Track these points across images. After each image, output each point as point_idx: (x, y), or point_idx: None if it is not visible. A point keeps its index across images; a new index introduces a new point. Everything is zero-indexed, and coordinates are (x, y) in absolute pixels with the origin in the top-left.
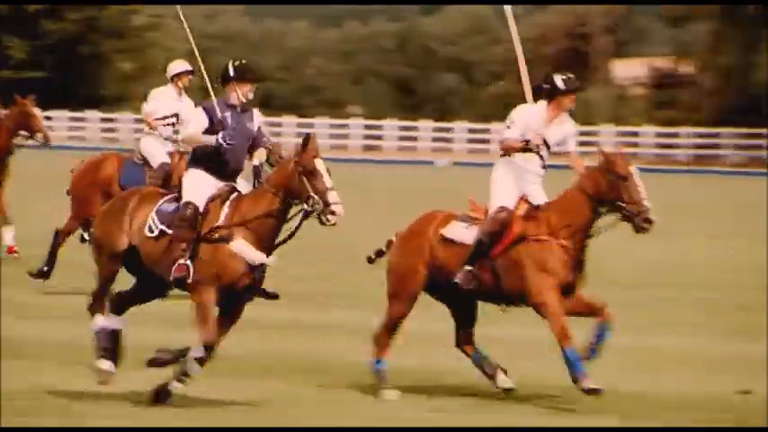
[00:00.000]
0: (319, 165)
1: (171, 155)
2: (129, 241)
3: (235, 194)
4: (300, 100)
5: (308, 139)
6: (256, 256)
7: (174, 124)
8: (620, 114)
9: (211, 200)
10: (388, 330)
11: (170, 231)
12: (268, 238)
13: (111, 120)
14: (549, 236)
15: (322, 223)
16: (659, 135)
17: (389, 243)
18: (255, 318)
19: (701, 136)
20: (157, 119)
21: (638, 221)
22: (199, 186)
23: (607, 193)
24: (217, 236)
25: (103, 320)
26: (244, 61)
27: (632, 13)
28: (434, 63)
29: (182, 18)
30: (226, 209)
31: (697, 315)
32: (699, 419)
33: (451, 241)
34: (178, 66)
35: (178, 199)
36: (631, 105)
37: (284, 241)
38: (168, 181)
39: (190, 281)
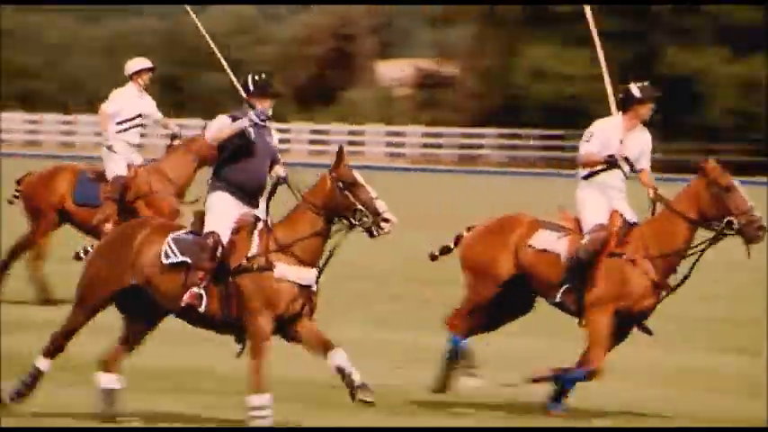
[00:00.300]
0: (358, 176)
1: (129, 167)
2: (134, 279)
3: (261, 223)
4: (63, 97)
5: (341, 151)
6: (305, 275)
7: (141, 125)
8: (386, 115)
9: (236, 231)
10: (468, 311)
11: (189, 261)
12: (313, 260)
13: None
14: (642, 258)
15: (373, 235)
16: (425, 135)
17: (458, 239)
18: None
19: (464, 136)
20: (120, 122)
21: (751, 232)
22: (223, 214)
23: (711, 209)
24: (256, 265)
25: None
26: (264, 76)
27: (396, 14)
28: (201, 62)
29: None
30: (256, 238)
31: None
32: None
33: (541, 250)
34: (138, 63)
35: (193, 233)
36: (397, 106)
37: (326, 261)
38: (124, 195)
39: (201, 309)
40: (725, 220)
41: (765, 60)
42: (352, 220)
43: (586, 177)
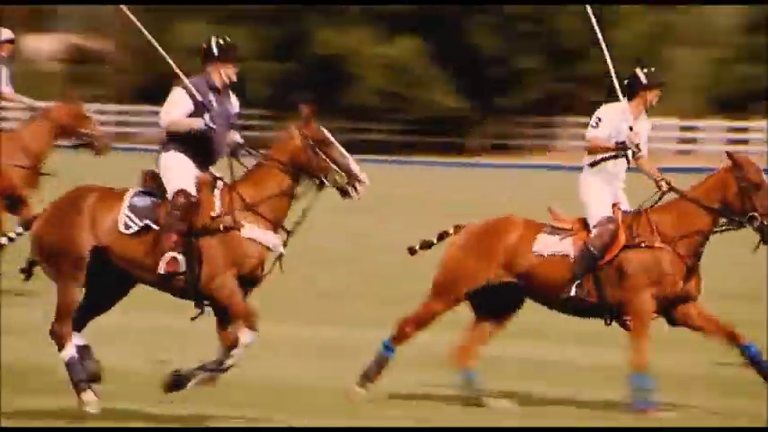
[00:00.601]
0: (329, 134)
1: None
2: (96, 243)
3: (220, 182)
4: None
5: (309, 109)
6: (272, 240)
7: None
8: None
9: (197, 190)
10: (419, 325)
11: (154, 226)
12: (279, 220)
13: None
14: (662, 243)
15: (347, 196)
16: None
17: (442, 235)
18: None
19: (121, 113)
20: None
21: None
22: (185, 172)
23: (736, 202)
24: (221, 226)
25: (72, 348)
26: (228, 39)
27: None
28: None
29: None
30: (218, 196)
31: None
32: None
33: (549, 254)
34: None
35: (147, 193)
36: (45, 80)
37: (298, 224)
38: None
39: (181, 271)
40: (748, 216)
41: (413, 43)
42: (324, 180)
43: (593, 165)
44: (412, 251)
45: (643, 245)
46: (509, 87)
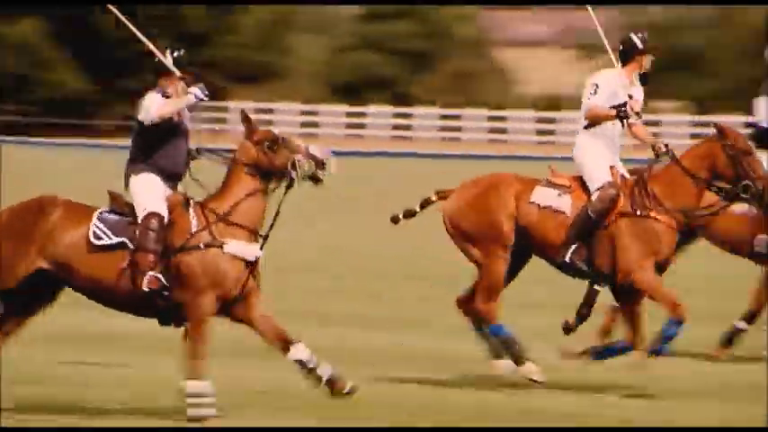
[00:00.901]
0: (277, 132)
1: None
2: (44, 264)
3: (191, 200)
4: None
5: (247, 116)
6: (251, 252)
7: None
8: None
9: (170, 210)
10: (493, 291)
11: (130, 244)
12: (256, 224)
13: None
14: (659, 213)
15: (318, 181)
16: None
17: (426, 202)
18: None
19: None
20: None
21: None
22: (155, 193)
23: (727, 171)
24: (201, 243)
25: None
26: (183, 51)
27: None
28: None
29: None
30: (192, 214)
31: None
32: None
33: (544, 207)
34: None
35: (118, 213)
36: None
37: (272, 226)
38: None
39: (166, 293)
40: (742, 184)
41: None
42: (293, 174)
43: (587, 127)
44: (395, 219)
45: (639, 213)
46: (133, 69)
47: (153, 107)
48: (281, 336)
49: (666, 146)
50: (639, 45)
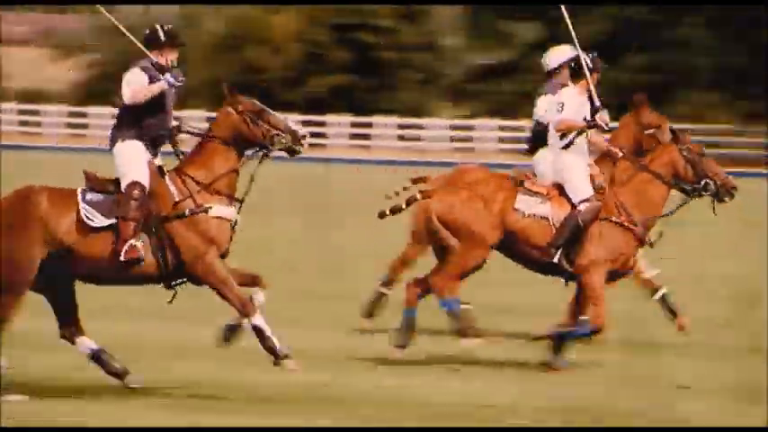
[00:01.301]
0: (260, 103)
1: None
2: (51, 249)
3: (165, 168)
4: None
5: (231, 86)
6: (232, 213)
7: None
8: None
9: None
10: (458, 275)
11: (111, 221)
12: (233, 192)
13: None
14: (629, 222)
15: (295, 153)
16: None
17: (411, 201)
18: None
19: None
20: None
21: (724, 192)
22: (138, 162)
23: (687, 173)
24: (187, 210)
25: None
26: (171, 26)
27: None
28: None
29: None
30: (170, 183)
31: None
32: None
33: (530, 214)
34: None
35: (95, 189)
36: None
37: (246, 193)
38: None
39: (140, 256)
40: (703, 182)
41: None
42: (270, 146)
43: (567, 146)
44: (381, 215)
45: (612, 219)
46: None
47: (129, 90)
48: (252, 277)
49: (623, 149)
50: (591, 65)
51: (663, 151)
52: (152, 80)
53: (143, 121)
